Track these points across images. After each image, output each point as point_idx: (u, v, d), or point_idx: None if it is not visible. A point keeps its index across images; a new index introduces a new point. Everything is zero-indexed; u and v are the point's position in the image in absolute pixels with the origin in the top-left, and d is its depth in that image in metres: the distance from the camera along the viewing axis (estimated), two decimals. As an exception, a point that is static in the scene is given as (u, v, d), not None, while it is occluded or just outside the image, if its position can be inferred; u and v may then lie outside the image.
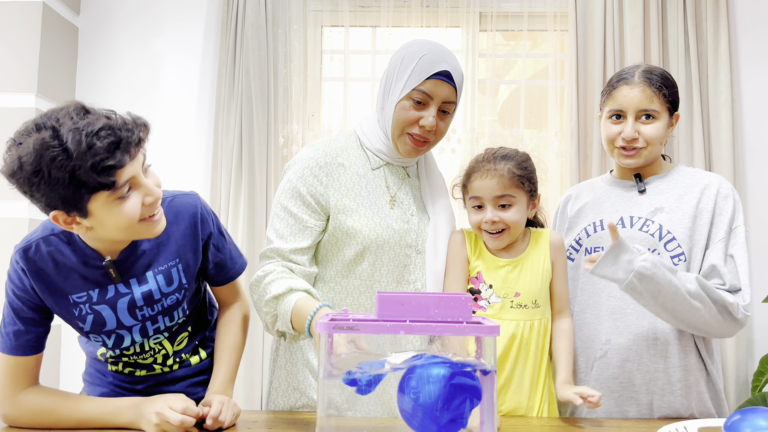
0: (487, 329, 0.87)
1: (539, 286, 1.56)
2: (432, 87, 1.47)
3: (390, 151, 1.56)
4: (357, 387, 0.87)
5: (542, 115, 3.28)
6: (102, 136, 1.12)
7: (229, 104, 3.21)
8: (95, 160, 1.10)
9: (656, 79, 1.62)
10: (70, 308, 1.32)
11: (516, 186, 1.52)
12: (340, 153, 1.55)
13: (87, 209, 1.16)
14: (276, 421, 1.37)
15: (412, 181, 1.62)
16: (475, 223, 1.56)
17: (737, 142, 3.14)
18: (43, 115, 1.15)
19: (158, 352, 1.43)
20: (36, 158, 1.09)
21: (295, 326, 1.32)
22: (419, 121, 1.49)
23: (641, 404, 1.58)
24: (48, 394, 1.31)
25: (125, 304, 1.34)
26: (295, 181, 1.51)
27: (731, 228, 1.60)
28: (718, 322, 1.51)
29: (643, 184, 1.69)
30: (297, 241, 1.47)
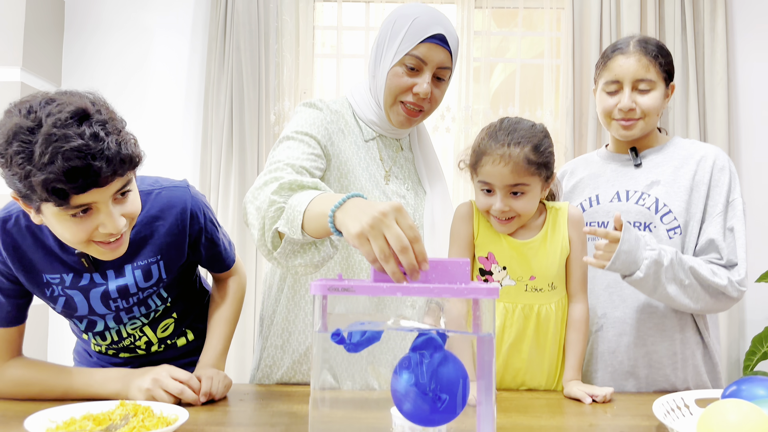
0: (485, 290, 0.84)
1: (556, 268, 1.45)
2: (426, 51, 1.39)
3: (382, 122, 1.50)
4: (345, 344, 0.84)
5: (537, 93, 3.25)
6: (68, 157, 1.03)
7: (219, 80, 3.16)
8: (48, 177, 1.02)
9: (652, 48, 1.59)
10: (42, 287, 1.27)
11: (531, 174, 1.38)
12: (338, 119, 1.48)
13: (39, 208, 1.11)
14: (268, 394, 1.35)
15: (405, 153, 1.57)
16: (484, 206, 1.43)
17: (732, 121, 3.13)
18: (45, 99, 1.08)
19: (138, 339, 1.39)
20: (5, 140, 1.05)
21: (310, 221, 1.02)
22: (413, 88, 1.41)
23: (638, 378, 1.57)
24: (31, 366, 1.28)
25: (98, 294, 1.30)
26: (303, 127, 1.38)
27: (728, 201, 1.58)
28: (713, 305, 1.51)
29: (638, 157, 1.67)
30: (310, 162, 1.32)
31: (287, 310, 1.48)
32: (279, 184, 1.11)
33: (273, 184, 1.15)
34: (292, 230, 1.05)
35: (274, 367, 1.48)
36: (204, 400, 1.24)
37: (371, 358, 1.03)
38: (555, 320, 1.46)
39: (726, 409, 0.94)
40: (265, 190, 1.15)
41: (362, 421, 0.96)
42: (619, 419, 1.19)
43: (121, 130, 1.12)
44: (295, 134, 1.37)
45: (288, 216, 1.06)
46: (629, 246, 1.39)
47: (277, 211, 1.09)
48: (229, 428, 1.09)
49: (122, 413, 1.02)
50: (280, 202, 1.09)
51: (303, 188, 1.11)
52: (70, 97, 1.10)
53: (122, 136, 1.11)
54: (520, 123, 1.42)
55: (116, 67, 3.31)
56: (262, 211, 1.11)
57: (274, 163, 1.27)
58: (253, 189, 1.18)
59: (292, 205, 1.06)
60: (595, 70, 1.69)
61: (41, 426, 0.96)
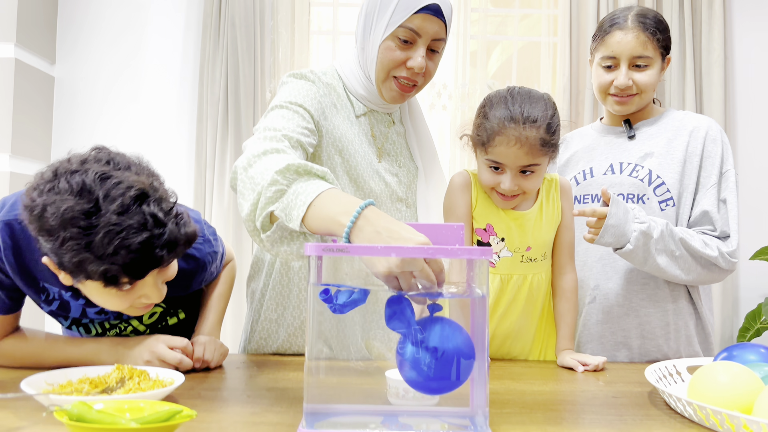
0: (479, 251, 0.85)
1: (550, 237, 1.47)
2: (420, 23, 1.32)
3: (373, 97, 1.44)
4: (331, 306, 0.84)
5: (534, 71, 3.24)
6: (132, 250, 0.99)
7: (215, 57, 3.14)
8: (109, 268, 1.00)
9: (650, 23, 1.58)
10: (38, 291, 1.24)
11: (544, 154, 1.36)
12: (331, 92, 1.42)
13: (79, 279, 1.06)
14: (264, 362, 1.36)
15: (397, 128, 1.53)
16: (490, 183, 1.40)
17: (729, 99, 3.12)
18: (99, 175, 1.01)
19: (125, 330, 1.38)
20: (59, 223, 0.98)
21: (314, 218, 0.95)
22: (406, 62, 1.35)
23: (631, 348, 1.58)
24: (25, 340, 1.28)
25: (95, 309, 1.29)
26: (296, 97, 1.32)
27: (721, 172, 1.59)
28: (705, 276, 1.53)
29: (632, 129, 1.67)
30: (302, 135, 1.26)
31: (281, 285, 1.47)
32: (287, 165, 1.01)
33: (274, 156, 1.08)
34: (288, 218, 0.97)
35: (269, 340, 1.48)
36: (198, 366, 1.25)
37: (366, 326, 1.03)
38: (544, 289, 1.48)
39: (717, 371, 0.95)
40: (264, 161, 1.06)
41: (358, 386, 0.97)
42: (611, 386, 1.21)
43: (174, 204, 1.08)
44: (288, 104, 1.31)
45: (288, 202, 0.98)
46: (617, 220, 1.40)
47: (276, 193, 0.99)
48: (225, 393, 1.09)
49: (118, 376, 1.03)
50: (283, 185, 1.00)
51: (310, 174, 1.01)
52: (124, 172, 1.05)
53: (178, 214, 1.07)
54: (532, 99, 1.36)
55: (112, 45, 3.28)
56: (258, 186, 1.02)
57: (270, 130, 1.21)
58: (249, 156, 1.09)
59: (297, 193, 0.98)
60: (592, 42, 1.67)
61: (38, 388, 0.96)
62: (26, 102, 3.07)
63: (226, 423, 0.89)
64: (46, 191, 1.01)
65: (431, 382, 0.84)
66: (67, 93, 3.29)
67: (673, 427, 0.92)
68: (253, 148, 1.11)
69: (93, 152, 1.08)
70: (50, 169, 1.05)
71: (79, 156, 1.07)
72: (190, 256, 1.30)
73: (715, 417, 0.88)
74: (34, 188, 1.03)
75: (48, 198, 1.00)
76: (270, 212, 1.00)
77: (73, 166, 1.03)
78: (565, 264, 1.49)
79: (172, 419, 0.77)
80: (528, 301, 1.46)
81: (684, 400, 0.93)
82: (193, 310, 1.49)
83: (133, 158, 1.11)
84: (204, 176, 3.14)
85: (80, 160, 1.05)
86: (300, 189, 0.98)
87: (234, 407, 0.99)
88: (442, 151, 3.03)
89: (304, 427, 0.83)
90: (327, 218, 0.93)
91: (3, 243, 1.16)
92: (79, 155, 1.07)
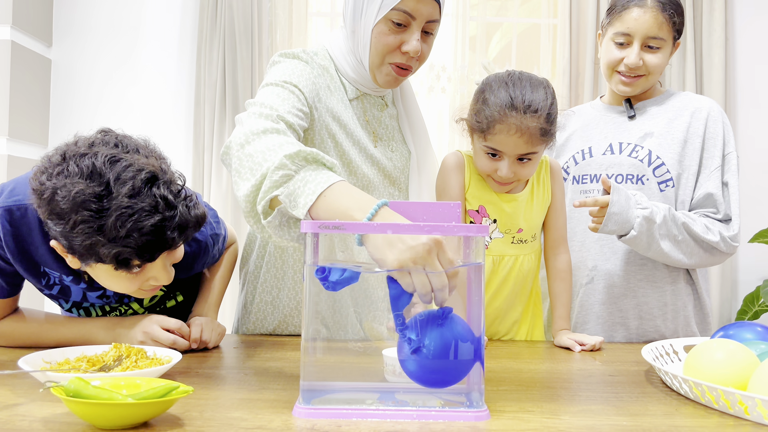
0: (476, 228, 0.85)
1: (540, 219, 1.48)
2: (414, 5, 1.26)
3: (365, 81, 1.39)
4: (325, 283, 0.84)
5: (534, 53, 3.22)
6: (144, 233, 1.00)
7: (212, 39, 3.12)
8: (122, 251, 1.00)
9: (669, 5, 1.54)
10: (39, 276, 1.24)
11: (543, 143, 1.36)
12: (324, 73, 1.38)
13: (88, 263, 1.07)
14: (261, 343, 1.36)
15: (390, 110, 1.49)
16: (487, 170, 1.40)
17: (729, 81, 3.11)
18: (109, 157, 1.01)
19: (125, 313, 1.38)
20: (70, 207, 0.98)
21: (323, 210, 0.92)
22: (401, 46, 1.30)
23: (629, 329, 1.58)
24: (24, 321, 1.28)
25: (96, 293, 1.29)
26: (291, 77, 1.28)
27: (724, 154, 1.58)
28: (707, 259, 1.53)
29: (632, 109, 1.66)
30: (295, 118, 1.21)
31: (275, 267, 1.46)
32: (298, 150, 0.97)
33: (275, 137, 1.04)
34: (292, 205, 0.94)
35: (265, 322, 1.48)
36: (195, 346, 1.25)
37: (363, 308, 1.03)
38: (533, 270, 1.50)
39: (713, 348, 0.95)
40: (264, 141, 1.02)
41: (354, 364, 0.97)
42: (608, 365, 1.21)
43: (182, 186, 1.08)
44: (284, 83, 1.26)
45: (295, 189, 0.94)
46: (619, 207, 1.40)
47: (283, 177, 0.95)
48: (222, 371, 1.10)
49: (116, 355, 1.03)
50: (291, 170, 0.95)
51: (318, 163, 0.98)
52: (133, 155, 1.04)
53: (187, 197, 1.07)
54: (532, 85, 1.34)
55: (108, 27, 3.26)
56: (263, 168, 0.97)
57: (266, 107, 1.16)
58: (247, 132, 1.05)
59: (305, 180, 0.94)
60: (606, 16, 1.63)
61: (35, 366, 0.96)
62: (23, 85, 3.05)
63: (223, 400, 0.89)
64: (55, 175, 1.01)
65: (429, 375, 0.85)
66: (64, 76, 3.27)
67: (669, 405, 0.92)
68: (250, 125, 1.08)
69: (100, 135, 1.08)
70: (58, 152, 1.04)
71: (86, 139, 1.07)
72: (193, 238, 1.30)
73: (710, 394, 0.88)
74: (42, 172, 1.03)
75: (58, 181, 0.99)
76: (273, 196, 0.96)
77: (81, 149, 1.03)
78: (558, 245, 1.50)
79: (169, 395, 0.77)
80: (517, 281, 1.47)
81: (680, 377, 0.93)
82: (192, 293, 1.49)
83: (140, 141, 1.11)
84: (202, 159, 3.13)
85: (88, 143, 1.04)
86: (309, 177, 0.94)
87: (231, 385, 0.99)
88: (441, 135, 3.02)
89: (301, 403, 0.84)
90: (338, 211, 0.91)
91: (3, 229, 1.15)
92: (85, 138, 1.07)
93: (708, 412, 0.88)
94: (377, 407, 0.83)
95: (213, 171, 3.11)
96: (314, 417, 0.82)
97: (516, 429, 0.79)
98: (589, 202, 1.41)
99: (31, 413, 0.82)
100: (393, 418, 0.82)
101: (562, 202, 1.51)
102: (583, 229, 1.62)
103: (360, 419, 0.81)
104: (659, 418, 0.85)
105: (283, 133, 1.08)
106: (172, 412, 0.82)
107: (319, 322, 0.90)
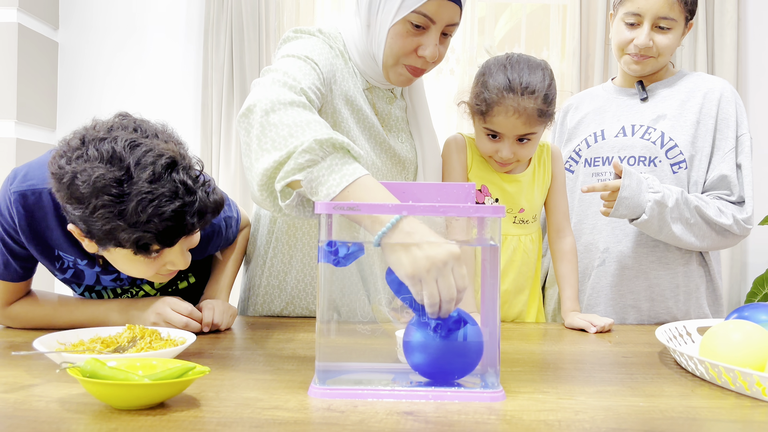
0: (492, 209, 0.84)
1: (541, 201, 1.51)
2: (436, 9, 1.20)
3: (377, 76, 1.35)
4: (333, 260, 0.84)
5: (543, 34, 3.18)
6: (165, 218, 0.99)
7: (219, 21, 3.09)
8: (142, 236, 0.99)
9: None
10: (52, 259, 1.24)
11: (541, 123, 1.38)
12: (340, 57, 1.33)
13: (106, 247, 1.06)
14: (273, 324, 1.36)
15: (399, 102, 1.44)
16: (488, 151, 1.43)
17: (741, 62, 3.07)
18: (129, 142, 1.00)
19: (136, 294, 1.38)
20: (90, 192, 0.97)
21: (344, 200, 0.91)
22: (418, 49, 1.25)
23: (641, 311, 1.58)
24: (37, 303, 1.28)
25: (110, 277, 1.29)
26: (311, 53, 1.22)
27: (737, 136, 1.56)
28: (720, 242, 1.52)
29: (645, 91, 1.64)
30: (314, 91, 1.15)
31: (282, 252, 1.45)
32: (330, 137, 0.93)
33: (301, 112, 1.00)
34: (312, 191, 0.92)
35: (272, 304, 1.47)
36: (207, 330, 1.25)
37: (373, 291, 1.03)
38: (536, 252, 1.51)
39: (729, 329, 0.94)
40: (290, 113, 0.99)
41: (368, 345, 0.97)
42: (621, 347, 1.21)
43: (200, 171, 1.08)
44: (306, 58, 1.20)
45: (319, 176, 0.92)
46: (630, 192, 1.40)
47: (309, 162, 0.92)
48: (236, 353, 1.10)
49: (130, 336, 1.03)
50: (318, 155, 0.92)
51: (346, 152, 0.95)
52: (153, 140, 1.03)
53: (206, 182, 1.07)
54: (530, 67, 1.37)
55: (114, 9, 3.24)
56: (289, 146, 0.94)
57: (289, 77, 1.10)
58: (273, 99, 1.00)
59: (331, 169, 0.92)
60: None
61: (50, 347, 0.97)
62: (30, 68, 3.05)
63: (238, 380, 0.90)
64: (74, 159, 1.00)
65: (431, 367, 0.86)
66: (71, 59, 3.26)
67: (684, 386, 0.92)
68: (276, 92, 1.03)
69: (118, 119, 1.08)
70: (76, 136, 1.04)
71: (105, 123, 1.06)
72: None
73: (727, 375, 0.88)
74: (60, 156, 1.02)
75: (77, 165, 0.99)
76: (295, 180, 0.94)
77: (101, 133, 1.02)
78: (563, 227, 1.52)
79: (185, 375, 0.77)
80: (523, 263, 1.48)
81: (696, 358, 0.93)
82: (204, 275, 1.49)
83: (159, 126, 1.10)
84: (210, 142, 3.13)
85: (107, 128, 1.04)
86: (335, 166, 0.92)
87: (245, 366, 0.99)
88: (449, 117, 3.00)
89: (317, 384, 0.84)
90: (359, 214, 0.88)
91: (17, 213, 1.16)
92: (104, 122, 1.06)
93: (724, 393, 0.88)
94: (392, 388, 0.83)
95: (221, 154, 3.10)
96: (330, 397, 0.82)
97: (533, 409, 0.79)
98: (599, 187, 1.41)
99: (48, 394, 0.82)
100: (408, 398, 0.82)
101: (563, 185, 1.54)
102: (595, 212, 1.62)
103: (376, 399, 0.81)
104: (675, 399, 0.84)
105: (309, 108, 1.04)
106: (188, 393, 0.82)
107: (334, 304, 0.90)
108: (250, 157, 1.00)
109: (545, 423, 0.74)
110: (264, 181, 0.97)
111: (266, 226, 1.49)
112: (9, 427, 0.69)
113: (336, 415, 0.75)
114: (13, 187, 1.15)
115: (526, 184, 1.48)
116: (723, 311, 1.60)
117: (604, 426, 0.73)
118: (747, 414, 0.79)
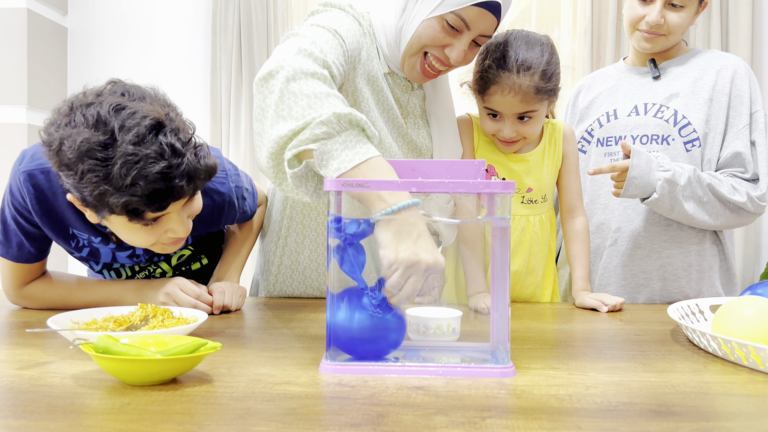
0: (501, 185, 0.83)
1: (551, 180, 1.49)
2: (474, 17, 1.19)
3: (396, 61, 1.32)
4: (341, 234, 0.84)
5: (555, 13, 3.15)
6: (151, 180, 0.97)
7: (227, 4, 3.08)
8: (129, 200, 0.98)
9: None
10: (67, 238, 1.25)
11: (539, 101, 1.35)
12: (366, 36, 1.29)
13: (102, 215, 1.06)
14: (283, 305, 1.37)
15: (416, 92, 1.42)
16: (491, 131, 1.42)
17: (756, 40, 3.02)
18: (114, 106, 0.99)
19: (153, 272, 1.39)
20: (76, 156, 0.97)
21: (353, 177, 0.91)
22: (444, 48, 1.23)
23: (653, 290, 1.57)
24: (52, 283, 1.30)
25: (125, 254, 1.30)
26: (340, 28, 1.19)
27: (751, 113, 1.54)
28: (734, 220, 1.51)
29: (657, 69, 1.62)
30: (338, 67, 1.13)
31: (296, 232, 1.45)
32: (349, 112, 0.93)
33: (320, 85, 0.99)
34: (322, 164, 0.92)
35: (285, 285, 1.48)
36: (217, 312, 1.26)
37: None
38: (547, 232, 1.50)
39: (742, 305, 0.94)
40: (311, 85, 0.98)
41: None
42: (632, 325, 1.20)
43: (191, 134, 1.07)
44: (335, 32, 1.17)
45: (331, 150, 0.92)
46: (639, 171, 1.38)
47: (324, 134, 0.92)
48: (248, 331, 1.11)
49: (142, 315, 1.04)
50: (334, 129, 0.93)
51: (361, 130, 0.95)
52: (139, 103, 1.02)
53: (196, 146, 1.06)
54: (527, 44, 1.35)
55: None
56: (307, 116, 0.94)
57: (317, 47, 1.08)
58: (297, 68, 0.99)
59: (345, 145, 0.92)
60: None
61: (64, 326, 0.98)
62: (40, 54, 3.05)
63: (250, 357, 0.90)
64: (62, 125, 1.00)
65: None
66: (81, 44, 3.27)
67: (696, 362, 0.91)
68: (300, 61, 1.02)
69: (108, 85, 1.08)
70: (66, 103, 1.04)
71: (95, 89, 1.06)
72: (214, 191, 1.29)
73: (740, 350, 0.87)
74: (51, 123, 1.03)
75: (65, 132, 0.99)
76: (308, 149, 0.93)
77: (89, 99, 1.02)
78: (575, 207, 1.51)
79: (197, 351, 0.78)
80: (533, 242, 1.48)
81: (708, 334, 0.92)
82: (217, 256, 1.50)
83: (148, 89, 1.10)
84: (219, 125, 3.13)
85: (95, 93, 1.04)
86: (350, 143, 0.92)
87: (257, 343, 1.00)
88: (461, 99, 2.97)
89: (327, 360, 0.84)
90: (366, 192, 0.88)
91: (28, 193, 1.16)
92: (94, 89, 1.07)
93: (737, 369, 0.87)
94: (403, 363, 0.83)
95: (231, 137, 3.10)
96: (341, 373, 0.82)
97: (543, 384, 0.79)
98: (606, 169, 1.40)
99: (62, 370, 0.83)
100: (418, 374, 0.82)
101: (576, 165, 1.51)
102: (607, 192, 1.60)
103: (386, 375, 0.81)
104: (687, 375, 0.84)
105: (331, 83, 1.03)
106: (200, 369, 0.83)
107: (344, 281, 0.90)
108: (264, 123, 0.99)
109: (556, 397, 0.73)
110: (275, 149, 0.96)
111: (281, 202, 1.48)
112: (25, 402, 0.70)
113: (347, 389, 0.75)
114: (22, 167, 1.17)
115: (534, 164, 1.46)
116: (736, 291, 1.59)
117: (615, 400, 0.73)
118: (760, 389, 0.78)
